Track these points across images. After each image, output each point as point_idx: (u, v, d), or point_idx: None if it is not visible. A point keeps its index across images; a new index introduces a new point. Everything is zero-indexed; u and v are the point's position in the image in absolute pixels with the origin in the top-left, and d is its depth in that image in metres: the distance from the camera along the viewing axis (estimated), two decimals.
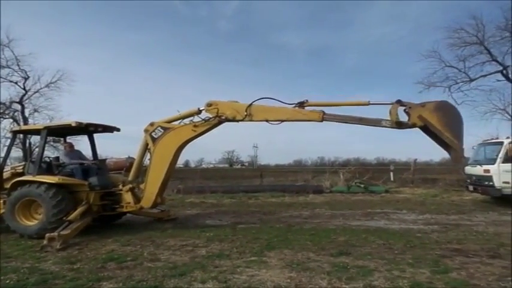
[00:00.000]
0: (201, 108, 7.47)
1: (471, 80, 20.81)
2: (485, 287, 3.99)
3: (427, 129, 6.30)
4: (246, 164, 76.63)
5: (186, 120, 7.61)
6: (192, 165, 70.74)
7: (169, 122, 7.69)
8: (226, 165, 74.66)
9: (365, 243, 6.15)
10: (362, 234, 6.91)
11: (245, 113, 7.11)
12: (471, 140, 15.62)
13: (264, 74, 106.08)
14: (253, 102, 7.10)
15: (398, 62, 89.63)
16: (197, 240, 6.47)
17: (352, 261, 5.00)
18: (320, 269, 4.62)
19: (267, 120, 7.10)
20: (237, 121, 7.27)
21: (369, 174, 18.62)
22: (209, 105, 7.37)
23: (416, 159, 21.52)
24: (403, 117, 6.41)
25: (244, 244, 6.11)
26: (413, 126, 6.34)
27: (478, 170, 11.35)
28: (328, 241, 6.30)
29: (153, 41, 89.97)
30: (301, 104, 7.04)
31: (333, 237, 6.60)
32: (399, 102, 6.37)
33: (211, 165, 73.69)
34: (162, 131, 7.54)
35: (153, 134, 7.57)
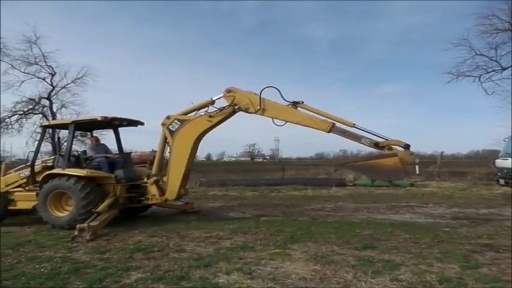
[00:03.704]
0: (214, 98, 7.54)
1: (503, 69, 19.82)
2: None
3: (379, 147, 6.79)
4: (268, 157, 76.69)
5: (201, 112, 7.69)
6: (214, 158, 71.54)
7: (185, 114, 7.78)
8: (248, 159, 74.97)
9: (390, 237, 6.04)
10: (387, 228, 6.80)
11: (258, 107, 7.15)
12: (503, 131, 15.02)
13: (286, 67, 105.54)
14: (261, 91, 7.18)
15: (424, 52, 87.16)
16: (221, 232, 6.54)
17: (378, 255, 4.92)
18: (345, 262, 4.58)
19: (277, 118, 7.17)
20: (249, 113, 7.32)
21: None
22: (228, 91, 7.45)
23: (443, 152, 20.93)
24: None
25: (268, 236, 6.14)
26: (381, 148, 6.76)
27: (510, 163, 10.90)
28: (353, 234, 6.23)
29: (175, 37, 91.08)
30: (295, 104, 7.26)
31: (358, 231, 6.52)
32: (406, 147, 6.63)
33: (233, 159, 74.23)
34: (179, 123, 7.64)
35: (170, 127, 7.68)
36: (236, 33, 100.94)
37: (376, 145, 6.73)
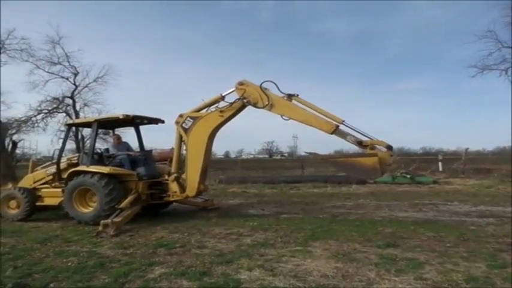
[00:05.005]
0: (223, 94, 7.63)
1: None
2: None
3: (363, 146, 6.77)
4: (286, 154, 76.42)
5: (212, 108, 7.77)
6: (232, 155, 71.89)
7: (197, 111, 7.88)
8: (266, 156, 74.92)
9: (414, 235, 5.93)
10: (410, 226, 6.67)
11: (267, 102, 7.21)
12: None
13: (303, 63, 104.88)
14: (261, 84, 7.30)
15: (447, 47, 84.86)
16: (241, 229, 6.57)
17: (401, 253, 4.83)
18: (367, 260, 4.52)
19: (283, 115, 7.22)
20: (257, 107, 7.37)
21: (415, 164, 17.89)
22: (240, 84, 7.52)
23: (467, 148, 20.36)
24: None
25: (288, 234, 6.12)
26: (364, 147, 6.74)
27: None
28: (375, 232, 6.14)
29: (195, 34, 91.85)
30: (290, 96, 7.32)
31: (379, 229, 6.43)
32: (389, 148, 6.62)
33: (251, 156, 74.27)
34: (192, 121, 7.74)
35: (183, 125, 7.78)
36: (255, 29, 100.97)
37: (359, 143, 6.78)
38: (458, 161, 19.27)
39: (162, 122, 8.92)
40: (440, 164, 19.11)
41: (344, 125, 6.91)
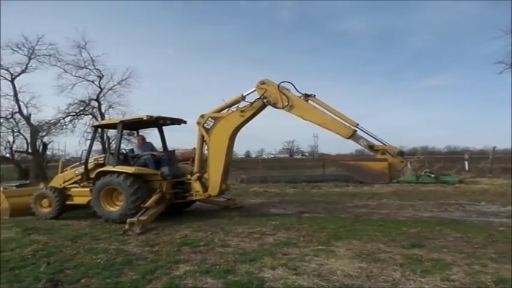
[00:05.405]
0: (244, 94, 7.72)
1: None
2: None
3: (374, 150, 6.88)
4: (307, 154, 75.93)
5: (233, 108, 7.87)
6: (253, 155, 72.10)
7: (218, 111, 7.99)
8: (287, 156, 74.72)
9: (439, 235, 5.81)
10: (435, 226, 6.53)
11: (286, 103, 7.27)
12: None
13: (324, 62, 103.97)
14: (279, 85, 7.40)
15: (472, 42, 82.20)
16: (264, 228, 6.61)
17: (427, 253, 4.75)
18: (392, 261, 4.47)
19: (302, 117, 7.26)
20: (277, 108, 7.44)
21: (439, 164, 17.42)
22: (262, 83, 7.61)
23: (495, 147, 19.70)
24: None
25: (311, 233, 6.12)
26: (375, 152, 6.83)
27: None
28: (399, 232, 6.06)
29: (215, 35, 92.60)
30: (307, 96, 7.39)
31: (404, 229, 6.33)
32: (400, 154, 6.67)
33: (272, 156, 74.21)
34: (213, 121, 7.86)
35: (205, 125, 7.91)
36: (275, 29, 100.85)
37: (371, 148, 6.83)
38: (485, 159, 18.67)
39: (185, 122, 9.08)
40: (466, 163, 18.58)
41: (358, 128, 6.92)
